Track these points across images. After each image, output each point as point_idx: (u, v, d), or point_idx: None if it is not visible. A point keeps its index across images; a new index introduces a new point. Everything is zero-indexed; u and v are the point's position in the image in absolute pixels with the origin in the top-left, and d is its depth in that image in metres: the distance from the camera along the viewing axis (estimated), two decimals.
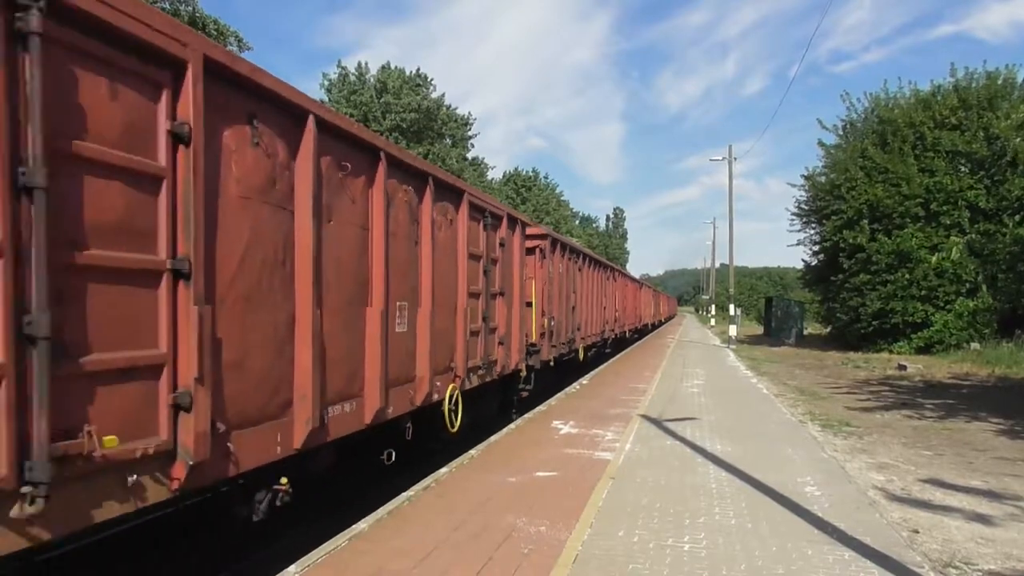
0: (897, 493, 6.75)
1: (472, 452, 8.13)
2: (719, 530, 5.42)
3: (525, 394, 11.77)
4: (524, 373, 11.22)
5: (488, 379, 9.13)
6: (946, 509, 6.27)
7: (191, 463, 3.58)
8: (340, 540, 5.11)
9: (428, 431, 7.36)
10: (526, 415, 10.95)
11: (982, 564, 4.95)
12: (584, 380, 16.20)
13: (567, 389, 14.44)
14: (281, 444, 4.55)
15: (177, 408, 3.56)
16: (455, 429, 7.67)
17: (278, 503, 4.74)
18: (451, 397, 7.58)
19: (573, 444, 8.71)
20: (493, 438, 9.01)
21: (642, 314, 35.78)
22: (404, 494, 6.32)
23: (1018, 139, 23.60)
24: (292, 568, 4.56)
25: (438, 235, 7.27)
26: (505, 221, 9.90)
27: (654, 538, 5.22)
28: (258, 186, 4.30)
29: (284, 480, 4.72)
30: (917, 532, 5.56)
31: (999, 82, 25.62)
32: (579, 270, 16.42)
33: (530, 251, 12.10)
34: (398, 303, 6.32)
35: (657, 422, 10.34)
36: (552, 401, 12.64)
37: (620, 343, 26.67)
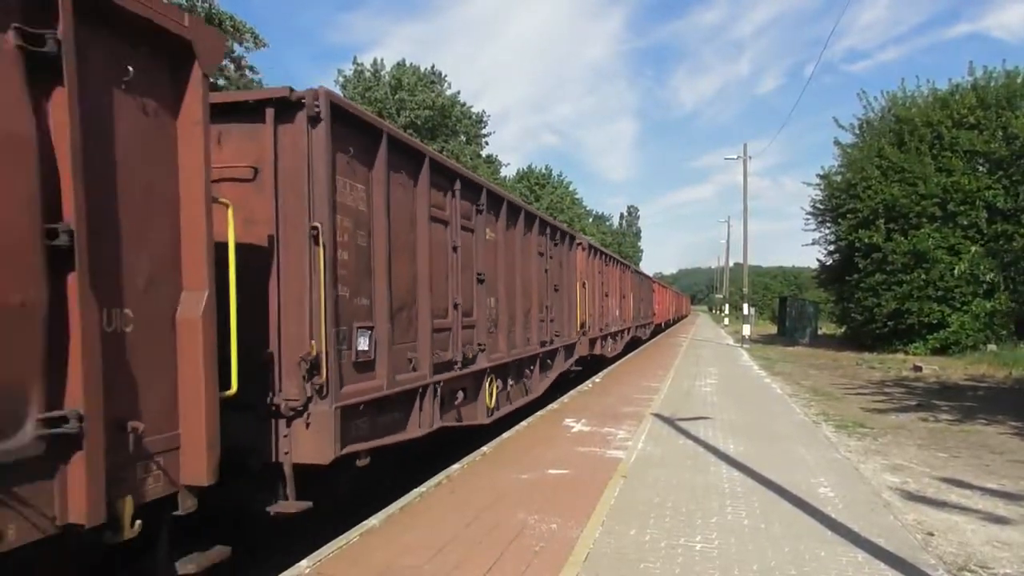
0: (912, 495, 6.70)
1: (484, 449, 8.15)
2: (731, 530, 5.40)
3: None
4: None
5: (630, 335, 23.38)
6: (962, 511, 6.21)
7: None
8: (352, 535, 5.14)
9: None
10: (538, 412, 10.96)
11: (998, 568, 4.90)
12: (597, 378, 16.19)
13: (579, 387, 14.44)
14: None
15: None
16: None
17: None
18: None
19: (585, 442, 8.71)
20: (505, 435, 9.02)
21: (670, 310, 53.00)
22: (416, 490, 6.35)
23: None
24: (304, 563, 4.60)
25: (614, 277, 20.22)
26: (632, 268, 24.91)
27: (665, 537, 5.21)
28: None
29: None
30: (932, 534, 5.51)
31: (1018, 81, 25.24)
32: (636, 283, 26.96)
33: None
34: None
35: (670, 421, 10.31)
36: (564, 399, 12.64)
37: (655, 331, 37.75)
